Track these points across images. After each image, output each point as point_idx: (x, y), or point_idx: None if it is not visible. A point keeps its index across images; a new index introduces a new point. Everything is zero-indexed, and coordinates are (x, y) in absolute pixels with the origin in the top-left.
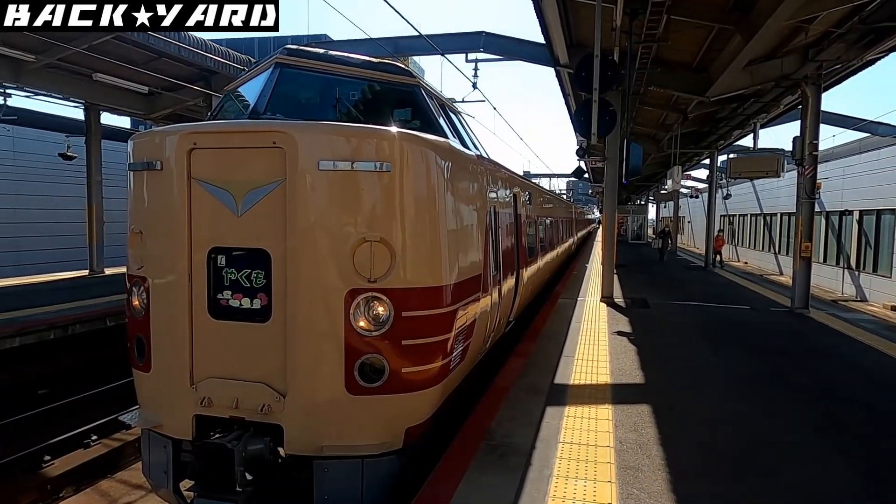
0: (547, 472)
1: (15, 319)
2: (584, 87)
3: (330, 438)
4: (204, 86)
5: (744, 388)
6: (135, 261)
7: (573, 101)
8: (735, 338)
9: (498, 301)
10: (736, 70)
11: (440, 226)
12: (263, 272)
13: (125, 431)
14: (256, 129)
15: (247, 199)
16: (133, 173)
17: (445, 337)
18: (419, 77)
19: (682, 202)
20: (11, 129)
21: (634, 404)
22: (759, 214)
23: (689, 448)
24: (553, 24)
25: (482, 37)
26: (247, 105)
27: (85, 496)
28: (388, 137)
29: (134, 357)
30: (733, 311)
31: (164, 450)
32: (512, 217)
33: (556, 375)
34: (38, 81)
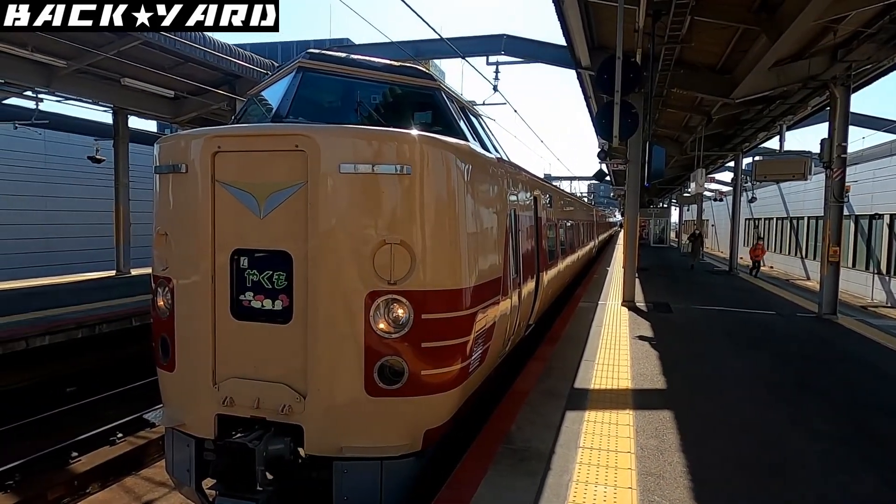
0: (566, 478)
1: (44, 319)
2: (606, 90)
3: (349, 440)
4: (228, 90)
5: (768, 395)
6: (160, 262)
7: (595, 104)
8: (760, 343)
9: (517, 304)
10: (762, 71)
11: (460, 228)
12: (285, 274)
13: (149, 430)
14: (279, 132)
15: (269, 202)
16: (159, 176)
17: (465, 340)
18: (440, 80)
19: (706, 205)
20: (43, 133)
21: (656, 410)
22: (785, 218)
23: (712, 455)
24: (575, 27)
25: (503, 39)
26: (270, 109)
27: (110, 492)
28: (409, 140)
29: (158, 356)
30: (758, 317)
31: (187, 448)
32: (532, 220)
33: (577, 380)
34: (69, 86)
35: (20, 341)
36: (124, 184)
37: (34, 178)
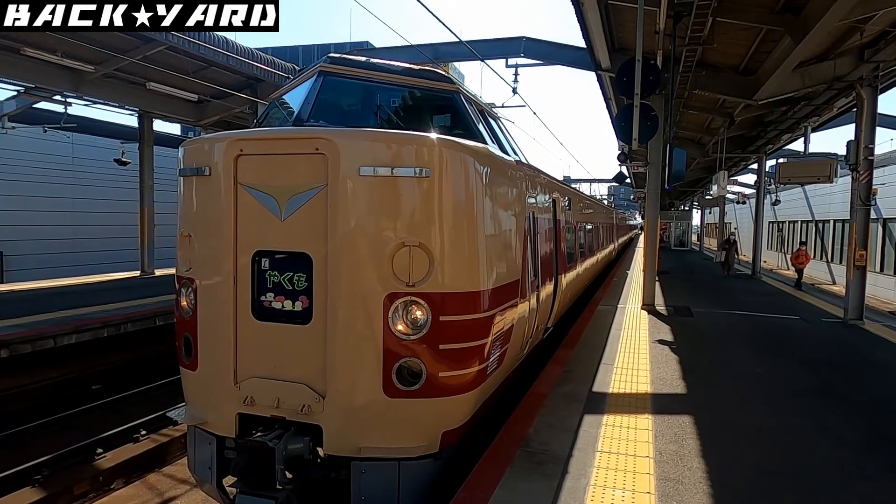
0: (584, 481)
1: (72, 318)
2: (626, 92)
3: (367, 440)
4: (250, 93)
5: (791, 402)
6: (183, 262)
7: (615, 106)
8: (783, 349)
9: (536, 307)
10: (786, 72)
11: (478, 231)
12: (305, 275)
13: (172, 427)
14: (300, 135)
15: (290, 204)
16: (183, 178)
17: (482, 342)
18: (459, 83)
19: (728, 208)
20: (71, 136)
21: (675, 415)
22: (810, 221)
23: (733, 461)
24: (594, 29)
25: (522, 42)
26: (291, 112)
27: (134, 488)
28: (428, 143)
29: (182, 355)
30: (782, 322)
31: (208, 446)
32: (551, 222)
33: (595, 383)
34: (97, 90)
35: (48, 339)
36: (149, 186)
37: (63, 180)
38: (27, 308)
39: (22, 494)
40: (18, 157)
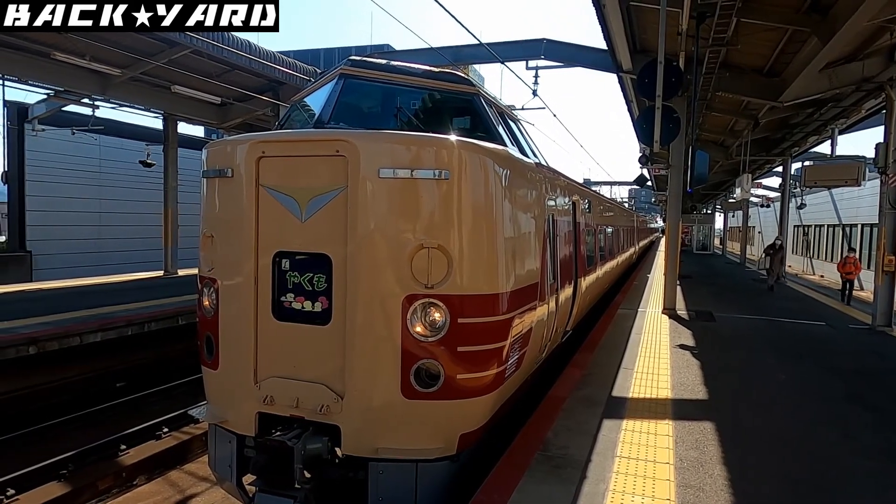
0: (603, 487)
1: (97, 316)
2: (647, 94)
3: (385, 441)
4: (272, 96)
5: (817, 409)
6: (206, 263)
7: (636, 108)
8: (808, 355)
9: (555, 310)
10: (812, 73)
11: (497, 233)
12: (325, 276)
13: (193, 425)
14: (320, 137)
15: (310, 206)
16: (206, 180)
17: (501, 345)
18: (479, 86)
19: (752, 211)
20: (98, 139)
21: (696, 421)
22: (836, 225)
23: (756, 469)
24: (616, 30)
25: (543, 44)
26: (313, 114)
27: (156, 485)
28: (447, 146)
29: (203, 354)
30: (807, 328)
31: (229, 444)
32: (570, 225)
33: (615, 388)
34: (123, 94)
35: (75, 337)
36: (173, 187)
37: (89, 181)
38: (55, 306)
39: (48, 488)
40: (47, 159)
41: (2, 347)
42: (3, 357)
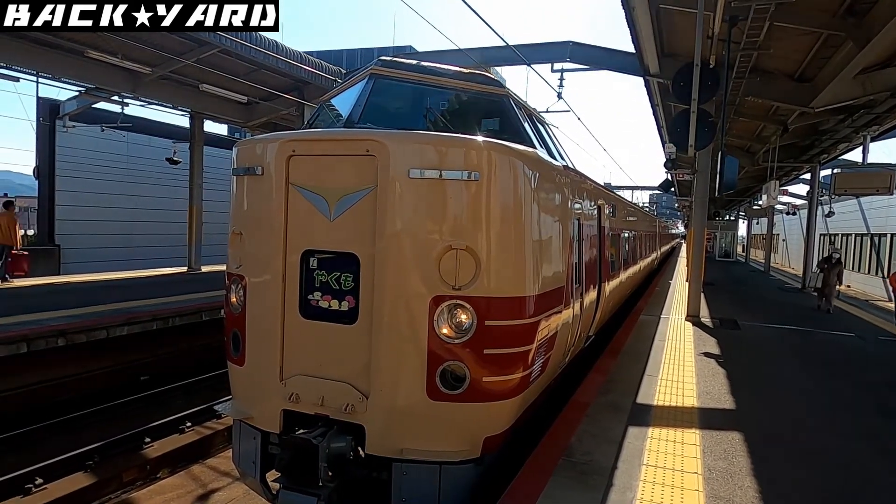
0: (630, 495)
1: (124, 310)
2: (682, 98)
3: (409, 442)
4: (297, 96)
5: (848, 423)
6: (234, 260)
7: (662, 112)
8: (838, 367)
9: (579, 314)
10: (846, 79)
11: (525, 236)
12: (352, 275)
13: (216, 420)
14: (351, 137)
15: (339, 205)
16: (236, 178)
17: (527, 348)
18: (507, 87)
19: (776, 219)
20: (126, 136)
21: (724, 431)
22: (865, 235)
23: (786, 482)
24: (644, 34)
25: (569, 46)
26: (342, 114)
27: (179, 478)
28: (477, 147)
29: (230, 350)
30: (835, 338)
31: (253, 441)
32: (595, 229)
33: (639, 394)
34: (153, 92)
35: (102, 330)
36: (198, 185)
37: (117, 177)
38: (82, 299)
39: (75, 479)
40: (77, 155)
41: (32, 339)
42: (34, 348)
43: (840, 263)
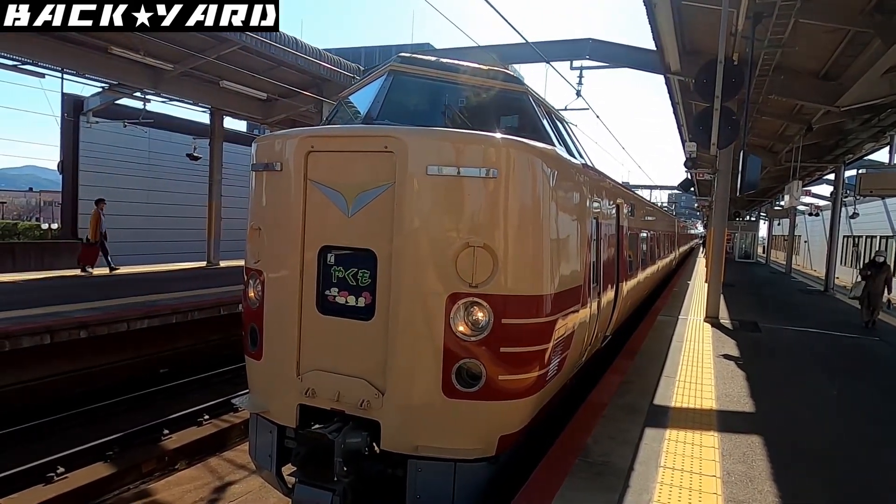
0: (647, 497)
1: (144, 304)
2: (705, 95)
3: (424, 439)
4: (316, 92)
5: (872, 430)
6: (252, 255)
7: (682, 110)
8: (861, 371)
9: (596, 314)
10: (873, 77)
11: (544, 234)
12: (369, 272)
13: (233, 414)
14: (370, 133)
15: (357, 201)
16: (255, 173)
17: (544, 347)
18: (527, 85)
19: (798, 220)
20: (147, 132)
21: (743, 434)
22: (891, 237)
23: (808, 488)
24: (666, 31)
25: (589, 44)
26: (361, 111)
27: (196, 470)
28: (495, 144)
29: (247, 345)
30: (858, 341)
31: (269, 435)
32: (614, 228)
33: (656, 396)
34: (174, 88)
35: (122, 323)
36: (217, 180)
37: (139, 172)
38: (103, 293)
39: (96, 468)
40: (100, 151)
41: (55, 330)
42: (57, 339)
43: (888, 268)
